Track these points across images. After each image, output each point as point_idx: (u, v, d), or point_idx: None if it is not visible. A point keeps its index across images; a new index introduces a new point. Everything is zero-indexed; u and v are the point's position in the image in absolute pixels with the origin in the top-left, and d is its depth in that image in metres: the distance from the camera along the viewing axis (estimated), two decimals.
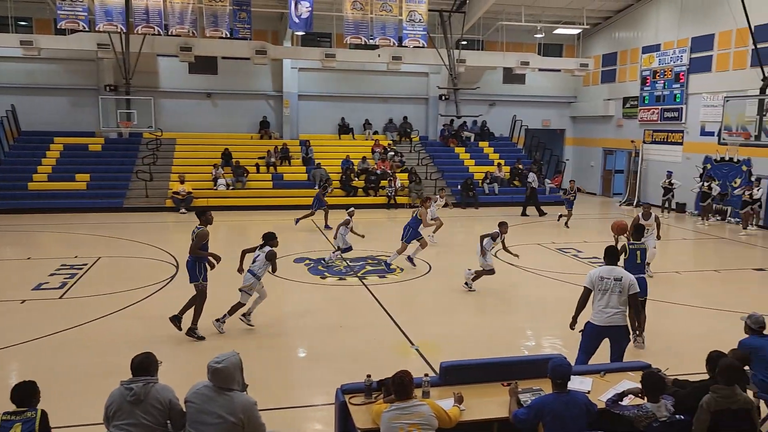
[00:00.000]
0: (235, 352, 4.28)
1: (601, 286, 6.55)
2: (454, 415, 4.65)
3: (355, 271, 12.52)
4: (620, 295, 6.48)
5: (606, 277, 6.56)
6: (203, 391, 4.16)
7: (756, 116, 15.69)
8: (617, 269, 6.64)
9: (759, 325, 6.14)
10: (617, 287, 6.48)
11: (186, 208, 20.38)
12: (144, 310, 9.93)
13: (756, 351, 5.94)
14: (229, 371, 4.12)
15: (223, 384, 4.12)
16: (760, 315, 6.21)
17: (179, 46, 21.24)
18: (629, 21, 25.02)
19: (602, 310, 6.53)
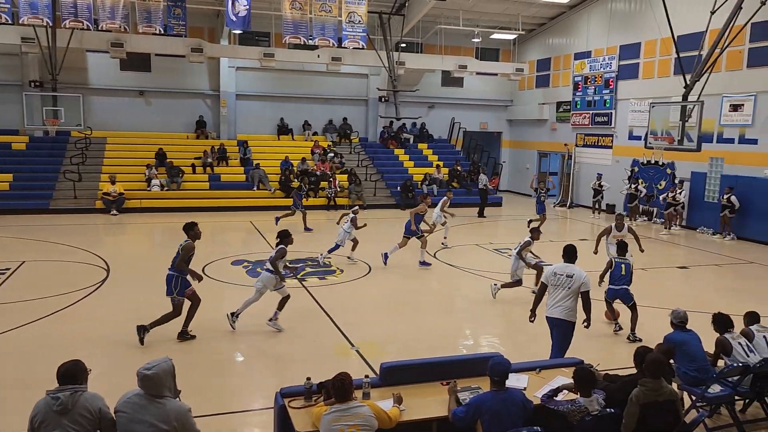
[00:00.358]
0: (167, 358, 4.14)
1: (553, 281, 6.92)
2: (394, 415, 4.67)
3: (294, 274, 12.38)
4: (569, 290, 6.79)
5: (559, 273, 6.90)
6: (134, 400, 4.01)
7: (679, 122, 16.46)
8: (571, 267, 6.94)
9: (681, 321, 6.44)
10: (567, 283, 6.80)
11: (117, 210, 19.68)
12: (72, 316, 9.52)
13: (679, 345, 6.23)
14: (159, 378, 3.98)
15: (153, 391, 3.98)
16: (682, 311, 6.51)
17: (110, 42, 20.48)
18: (562, 28, 25.83)
19: (552, 303, 6.92)
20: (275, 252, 8.95)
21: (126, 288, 11.14)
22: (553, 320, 6.94)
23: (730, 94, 17.99)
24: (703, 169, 19.00)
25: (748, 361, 6.15)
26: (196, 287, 8.60)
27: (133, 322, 9.15)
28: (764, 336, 6.53)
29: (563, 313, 6.86)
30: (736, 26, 15.59)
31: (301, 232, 16.84)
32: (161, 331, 8.51)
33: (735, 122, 17.97)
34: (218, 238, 17.33)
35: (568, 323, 6.90)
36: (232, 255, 13.99)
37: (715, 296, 11.47)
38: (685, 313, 6.49)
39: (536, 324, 9.68)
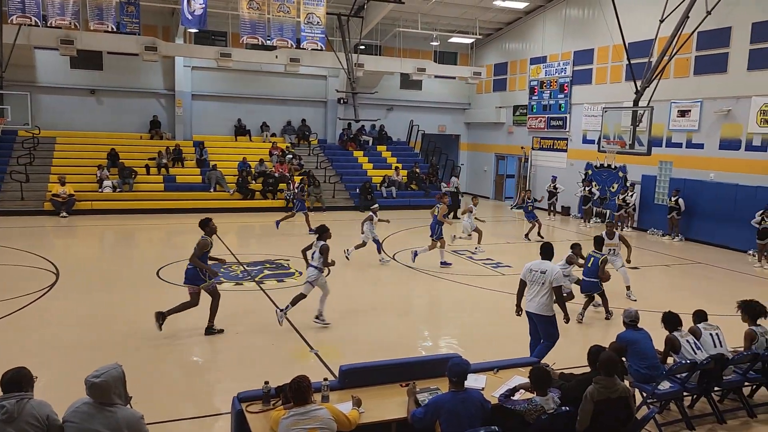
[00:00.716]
0: (117, 365, 4.01)
1: (530, 277, 7.25)
2: (353, 417, 4.66)
3: (252, 276, 12.26)
4: (543, 286, 7.09)
5: (534, 269, 7.23)
6: (83, 409, 3.87)
7: (630, 126, 16.91)
8: (545, 263, 7.23)
9: (632, 320, 6.61)
10: (541, 279, 7.11)
11: (67, 212, 19.11)
12: (19, 322, 9.17)
13: (631, 344, 6.40)
14: (108, 385, 3.85)
15: (103, 399, 3.85)
16: (633, 310, 6.69)
17: (59, 38, 19.86)
18: (518, 33, 26.27)
19: (529, 298, 7.25)
20: (318, 249, 9.07)
21: (76, 292, 10.82)
22: (531, 314, 7.28)
23: (678, 100, 18.60)
24: (653, 172, 19.59)
25: (696, 358, 6.36)
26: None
27: (83, 327, 8.92)
28: (711, 334, 6.76)
29: (539, 308, 7.15)
30: (683, 35, 16.12)
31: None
32: (115, 333, 8.31)
33: (683, 127, 18.59)
34: (174, 240, 17.01)
35: (545, 317, 7.17)
36: (188, 258, 13.70)
37: (664, 296, 11.82)
38: (637, 313, 6.67)
39: (493, 325, 9.83)
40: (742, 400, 6.78)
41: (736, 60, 16.94)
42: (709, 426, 6.41)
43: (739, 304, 7.13)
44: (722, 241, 17.17)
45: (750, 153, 16.66)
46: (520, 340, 9.01)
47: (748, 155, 16.72)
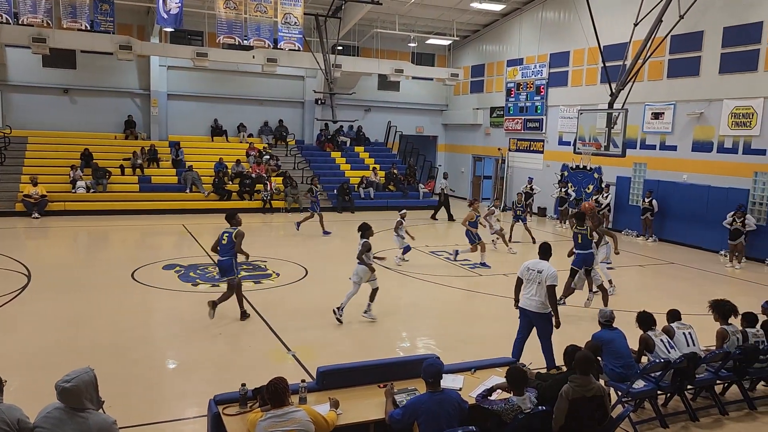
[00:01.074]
0: (89, 369, 3.90)
1: (527, 276, 7.45)
2: (331, 419, 4.65)
3: None
4: (539, 285, 7.27)
5: (531, 268, 7.42)
6: (54, 414, 3.76)
7: (605, 128, 17.12)
8: (542, 263, 7.43)
9: (607, 320, 6.68)
10: (537, 278, 7.30)
11: (39, 213, 18.77)
12: None
13: (606, 343, 6.48)
14: (79, 390, 3.74)
15: (74, 404, 3.74)
16: (609, 310, 6.77)
17: (31, 36, 19.48)
18: (495, 35, 26.45)
19: (525, 296, 7.45)
20: (361, 246, 9.48)
21: (49, 295, 10.62)
22: (528, 312, 7.42)
23: (651, 102, 18.88)
24: (627, 173, 19.86)
25: (669, 356, 6.46)
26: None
27: (56, 330, 8.77)
28: (684, 333, 6.87)
29: (536, 306, 7.33)
30: (657, 38, 16.38)
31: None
32: (85, 338, 8.18)
33: (656, 129, 18.88)
34: (149, 241, 16.81)
35: (541, 315, 7.34)
36: (164, 259, 13.59)
37: (638, 295, 11.98)
38: (612, 313, 6.75)
39: (470, 325, 9.87)
40: (714, 398, 6.90)
41: (708, 63, 17.25)
42: (682, 423, 6.51)
43: (711, 303, 7.26)
44: (695, 241, 17.47)
45: (721, 155, 16.98)
46: (497, 341, 9.07)
47: (719, 157, 17.03)
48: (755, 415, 6.85)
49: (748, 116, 16.19)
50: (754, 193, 16.09)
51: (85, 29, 19.29)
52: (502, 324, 10.09)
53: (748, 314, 7.31)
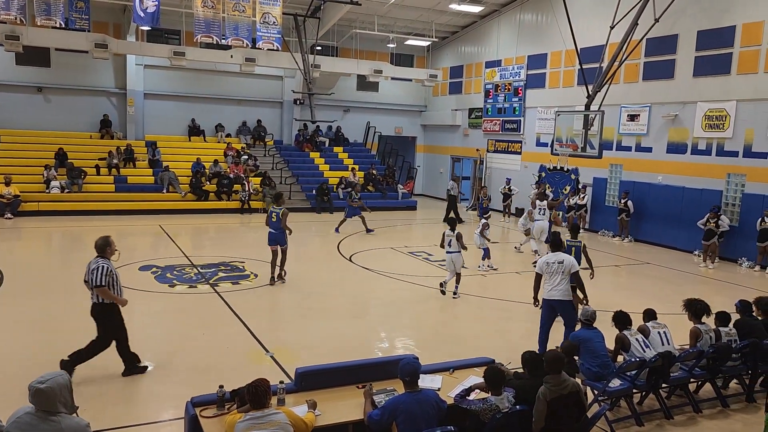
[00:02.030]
0: (63, 372, 3.82)
1: (548, 270, 7.92)
2: (309, 420, 4.63)
3: (206, 278, 12.06)
4: (563, 275, 7.78)
5: (551, 261, 7.90)
6: (25, 419, 3.66)
7: (582, 130, 17.31)
8: (560, 254, 7.98)
9: (588, 319, 6.74)
10: (560, 269, 7.80)
11: (12, 213, 18.43)
12: None
13: (584, 342, 6.54)
14: (53, 392, 3.65)
15: (47, 407, 3.64)
16: (591, 310, 6.83)
17: (4, 34, 19.12)
18: (474, 37, 26.59)
19: (549, 288, 7.90)
20: (455, 237, 11.06)
21: (22, 297, 10.43)
22: (554, 301, 7.86)
23: (627, 104, 19.13)
24: (604, 174, 20.10)
25: (645, 355, 6.54)
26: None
27: (29, 333, 8.64)
28: (659, 332, 6.97)
29: (561, 295, 7.82)
30: (633, 41, 16.60)
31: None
32: (62, 339, 8.04)
33: (632, 131, 19.13)
34: (125, 242, 16.58)
35: (567, 302, 7.86)
36: (140, 260, 13.43)
37: (614, 295, 12.13)
38: (594, 313, 6.79)
39: (449, 325, 9.91)
40: (688, 396, 7.01)
41: (682, 66, 17.53)
42: (657, 421, 6.60)
43: (685, 303, 7.37)
44: (669, 241, 17.74)
45: (695, 156, 17.27)
46: (475, 341, 9.12)
47: (693, 159, 17.32)
48: (728, 412, 6.97)
49: (721, 119, 16.48)
50: (726, 194, 16.40)
51: (59, 27, 19.01)
52: (480, 324, 10.15)
53: (720, 313, 7.44)
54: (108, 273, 7.01)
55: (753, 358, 7.21)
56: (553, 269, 7.86)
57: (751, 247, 15.43)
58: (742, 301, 7.74)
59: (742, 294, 9.98)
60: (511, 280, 13.23)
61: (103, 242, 7.20)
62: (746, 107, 15.90)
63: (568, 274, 7.81)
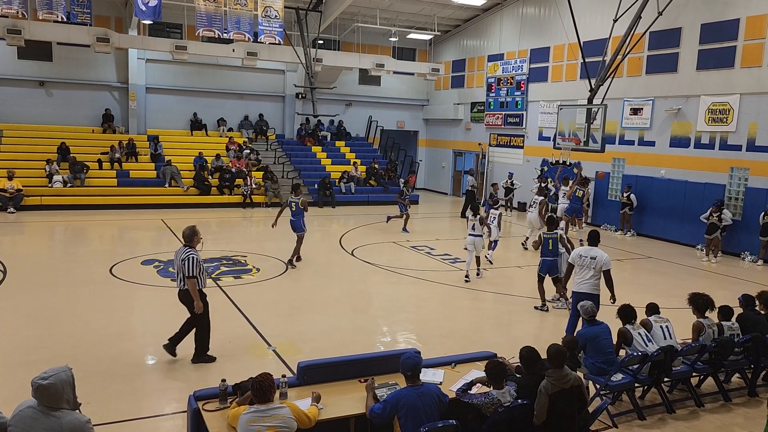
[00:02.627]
0: (67, 367, 3.82)
1: (579, 262, 8.18)
2: (312, 414, 4.64)
3: (209, 273, 12.06)
4: (594, 270, 8.05)
5: (584, 255, 8.17)
6: (26, 413, 3.66)
7: (584, 124, 17.27)
8: (594, 250, 8.18)
9: (590, 315, 6.70)
10: (591, 264, 8.07)
11: (15, 207, 18.46)
12: None
13: (591, 340, 6.50)
14: (56, 388, 3.65)
15: (50, 403, 3.65)
16: (588, 304, 6.78)
17: (6, 28, 19.11)
18: (476, 30, 26.51)
19: (578, 280, 8.18)
20: (478, 221, 11.86)
21: (25, 291, 10.46)
22: (581, 294, 8.01)
23: (630, 98, 19.07)
24: (606, 169, 20.05)
25: (647, 350, 6.54)
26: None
27: (31, 326, 8.66)
28: (661, 326, 6.97)
29: (590, 288, 8.07)
30: (636, 35, 16.53)
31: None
32: (69, 335, 8.07)
33: (635, 125, 19.07)
34: (127, 236, 16.62)
35: (594, 296, 8.03)
36: (142, 254, 13.45)
37: (617, 290, 12.07)
38: (593, 307, 6.77)
39: (451, 320, 9.92)
40: (690, 390, 7.01)
41: (685, 60, 17.46)
42: (659, 416, 6.61)
43: (689, 297, 7.36)
44: (672, 236, 17.71)
45: (699, 150, 17.22)
46: (477, 335, 9.13)
47: (696, 152, 17.27)
48: (730, 406, 6.97)
49: (724, 112, 16.43)
50: (729, 188, 16.36)
51: (61, 21, 18.98)
52: (482, 319, 10.16)
53: (723, 307, 7.43)
54: (197, 264, 7.31)
55: (755, 353, 7.21)
56: (584, 263, 8.12)
57: (753, 241, 15.40)
58: (745, 295, 7.73)
59: (745, 288, 9.97)
60: (514, 274, 13.23)
61: (191, 232, 7.51)
62: (750, 101, 15.84)
63: (599, 271, 8.02)
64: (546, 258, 10.16)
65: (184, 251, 7.36)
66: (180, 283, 7.36)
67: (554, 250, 10.11)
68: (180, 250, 7.42)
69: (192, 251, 7.35)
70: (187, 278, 7.23)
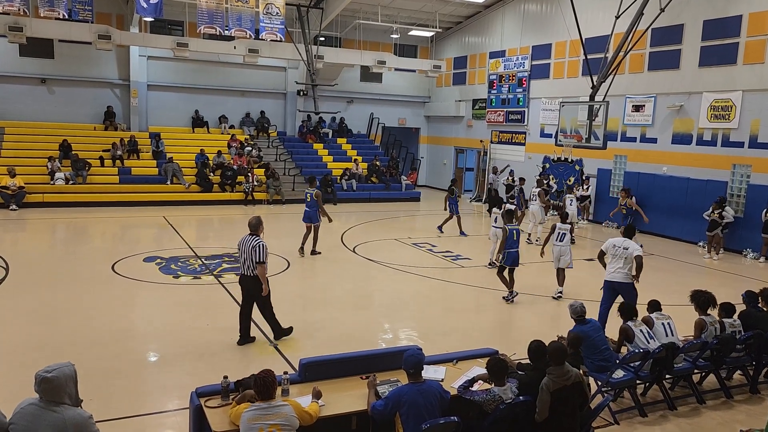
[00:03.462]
0: (70, 363, 3.84)
1: (612, 252, 8.62)
2: (314, 411, 4.65)
3: (210, 270, 12.09)
4: (626, 260, 8.47)
5: (617, 245, 8.59)
6: (28, 410, 3.67)
7: (586, 120, 17.23)
8: (627, 241, 8.62)
9: (579, 315, 6.62)
10: (624, 254, 8.49)
11: (17, 205, 18.49)
12: None
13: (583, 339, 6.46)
14: (60, 382, 3.68)
15: (51, 397, 3.67)
16: (578, 304, 6.68)
17: (8, 25, 19.11)
18: (478, 27, 26.46)
19: (611, 270, 8.61)
20: (500, 215, 12.35)
21: (27, 288, 10.48)
22: (615, 283, 8.55)
23: (632, 95, 19.03)
24: (608, 166, 20.03)
25: (649, 347, 6.54)
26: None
27: (35, 324, 8.68)
28: (662, 323, 6.97)
29: (621, 277, 8.51)
30: (638, 31, 16.49)
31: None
32: (68, 330, 8.08)
33: (637, 122, 19.04)
34: (129, 234, 16.64)
35: (628, 284, 8.52)
36: (144, 251, 13.47)
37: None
38: (582, 306, 6.67)
39: (453, 317, 9.92)
40: (692, 387, 7.01)
41: (688, 57, 17.42)
42: (660, 412, 6.61)
43: (691, 294, 7.36)
44: (674, 233, 17.69)
45: (701, 147, 17.18)
46: (479, 332, 9.14)
47: (699, 149, 17.23)
48: (731, 403, 6.97)
49: (726, 109, 16.39)
50: (732, 185, 16.33)
51: (62, 18, 18.98)
52: (484, 315, 10.17)
53: (725, 304, 7.43)
54: (266, 250, 7.84)
55: (757, 350, 7.21)
56: (617, 253, 8.53)
57: (755, 238, 15.38)
58: (748, 292, 7.73)
59: (747, 285, 9.96)
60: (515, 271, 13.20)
61: (257, 221, 8.04)
62: (752, 97, 15.81)
63: (630, 261, 8.43)
64: (511, 250, 10.47)
65: (252, 239, 7.85)
66: (247, 269, 7.87)
67: (518, 241, 10.66)
68: (247, 239, 7.90)
69: (260, 239, 7.87)
70: (258, 264, 7.75)
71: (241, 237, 8.03)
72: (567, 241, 10.85)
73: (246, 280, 7.95)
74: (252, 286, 7.93)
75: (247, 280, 7.94)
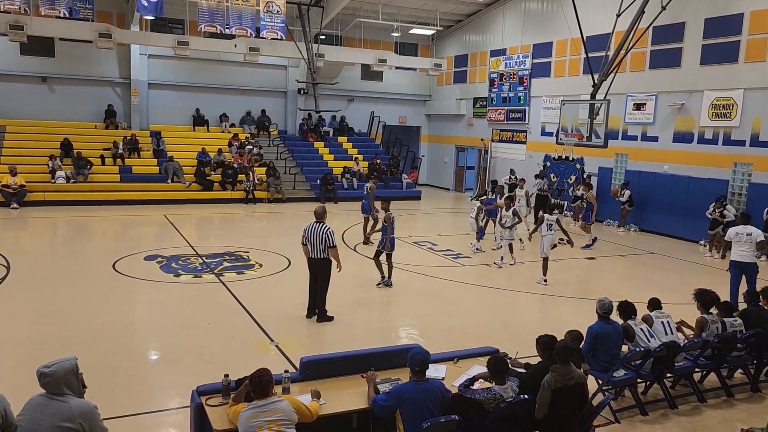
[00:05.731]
0: (73, 358, 3.95)
1: (737, 239, 10.08)
2: (314, 409, 4.66)
3: (211, 268, 12.09)
4: (750, 244, 9.99)
5: (741, 233, 10.07)
6: (36, 401, 3.83)
7: (587, 119, 17.21)
8: (749, 228, 10.04)
9: (606, 312, 6.54)
10: (748, 239, 9.97)
11: (18, 203, 18.49)
12: None
13: (602, 339, 6.39)
14: (58, 375, 3.81)
15: (54, 390, 3.81)
16: (608, 301, 6.58)
17: (8, 24, 19.10)
18: (479, 25, 26.43)
19: (738, 252, 10.08)
20: (511, 212, 13.18)
21: (29, 286, 10.49)
22: (741, 263, 10.04)
23: (633, 93, 19.00)
24: (609, 164, 20.01)
25: (649, 345, 6.53)
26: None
27: (36, 322, 8.69)
28: (662, 321, 6.96)
29: (747, 258, 9.99)
30: (639, 29, 16.46)
31: (300, 225, 16.10)
32: (74, 326, 8.08)
33: (638, 120, 19.02)
34: (130, 232, 16.66)
35: (753, 264, 10.04)
36: (145, 250, 13.47)
37: (619, 285, 12.11)
38: (611, 304, 6.57)
39: (453, 315, 9.92)
40: (692, 386, 7.01)
41: (689, 55, 17.39)
42: (661, 411, 6.61)
43: (695, 293, 7.35)
44: (675, 231, 17.67)
45: (702, 146, 17.16)
46: (479, 331, 9.13)
47: (700, 148, 17.21)
48: (732, 402, 6.97)
49: (728, 107, 16.37)
50: (733, 183, 16.32)
51: (63, 16, 18.99)
52: (484, 314, 10.16)
53: (726, 303, 7.43)
54: (334, 235, 8.80)
55: (758, 348, 7.21)
56: (742, 239, 9.98)
57: None
58: (749, 290, 7.72)
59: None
60: (516, 270, 13.21)
61: (322, 210, 8.95)
62: (753, 96, 15.78)
63: (754, 243, 9.91)
64: (394, 236, 11.21)
65: (321, 227, 8.73)
66: (318, 253, 8.76)
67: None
68: (315, 226, 8.77)
69: (328, 226, 8.78)
70: (331, 248, 8.69)
71: (307, 224, 8.85)
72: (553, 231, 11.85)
73: (315, 262, 8.83)
74: (320, 267, 8.84)
75: (317, 262, 8.82)
